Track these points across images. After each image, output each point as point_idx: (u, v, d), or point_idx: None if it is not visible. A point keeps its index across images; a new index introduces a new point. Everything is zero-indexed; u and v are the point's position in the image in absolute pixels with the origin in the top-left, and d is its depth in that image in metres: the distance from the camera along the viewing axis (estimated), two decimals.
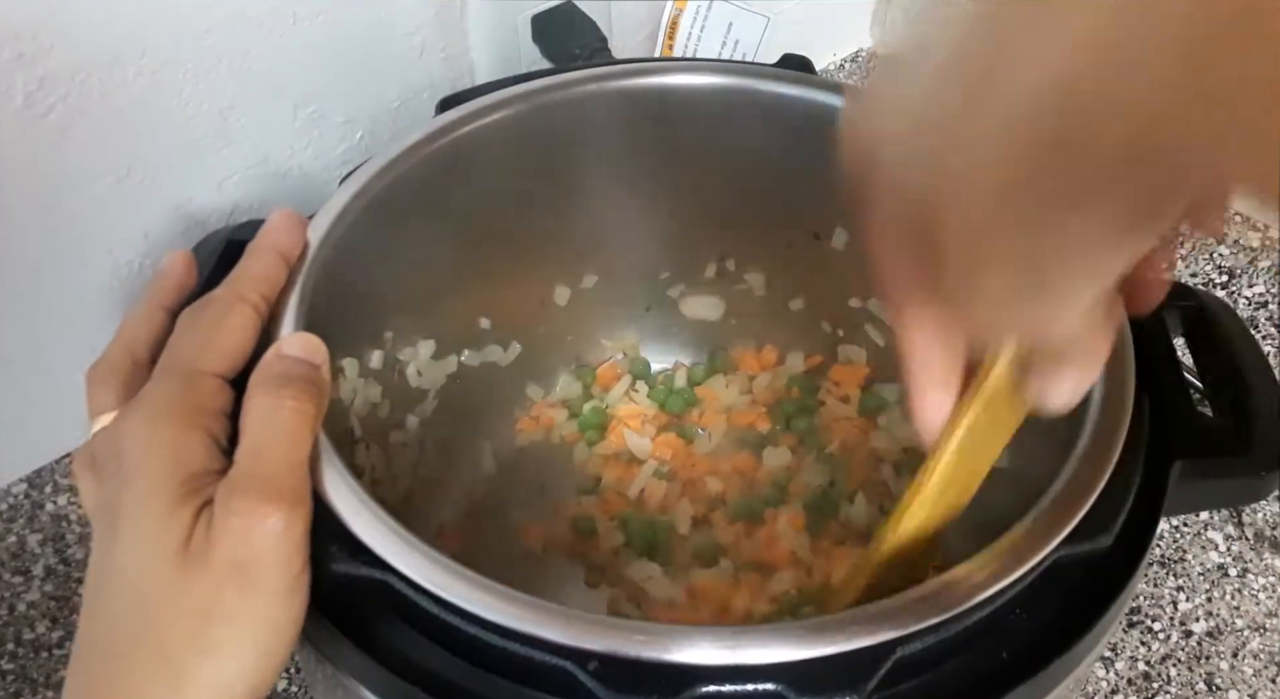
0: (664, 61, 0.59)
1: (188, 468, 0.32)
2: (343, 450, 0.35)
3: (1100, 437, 0.35)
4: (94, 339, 0.38)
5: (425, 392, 0.51)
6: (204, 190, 0.56)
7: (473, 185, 0.48)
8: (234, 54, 0.53)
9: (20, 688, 0.51)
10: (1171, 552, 0.58)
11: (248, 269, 0.38)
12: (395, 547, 0.32)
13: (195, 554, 0.30)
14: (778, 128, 0.49)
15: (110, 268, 0.55)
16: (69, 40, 0.47)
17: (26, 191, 0.50)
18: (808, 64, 0.51)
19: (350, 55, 0.58)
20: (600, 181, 0.52)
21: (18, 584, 0.55)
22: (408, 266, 0.46)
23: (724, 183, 0.52)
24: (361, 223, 0.42)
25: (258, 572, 0.30)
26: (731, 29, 0.68)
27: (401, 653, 0.32)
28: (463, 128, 0.46)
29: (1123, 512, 0.35)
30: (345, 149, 0.61)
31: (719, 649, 0.29)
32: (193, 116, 0.54)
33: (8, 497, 0.58)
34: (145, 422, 0.32)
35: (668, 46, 0.69)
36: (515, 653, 0.31)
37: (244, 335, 0.36)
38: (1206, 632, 0.55)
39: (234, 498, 0.31)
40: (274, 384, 0.33)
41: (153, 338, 0.37)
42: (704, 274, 0.56)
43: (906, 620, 0.30)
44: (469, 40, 0.62)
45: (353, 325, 0.44)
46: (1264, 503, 0.59)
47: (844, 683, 0.29)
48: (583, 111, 0.49)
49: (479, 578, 0.31)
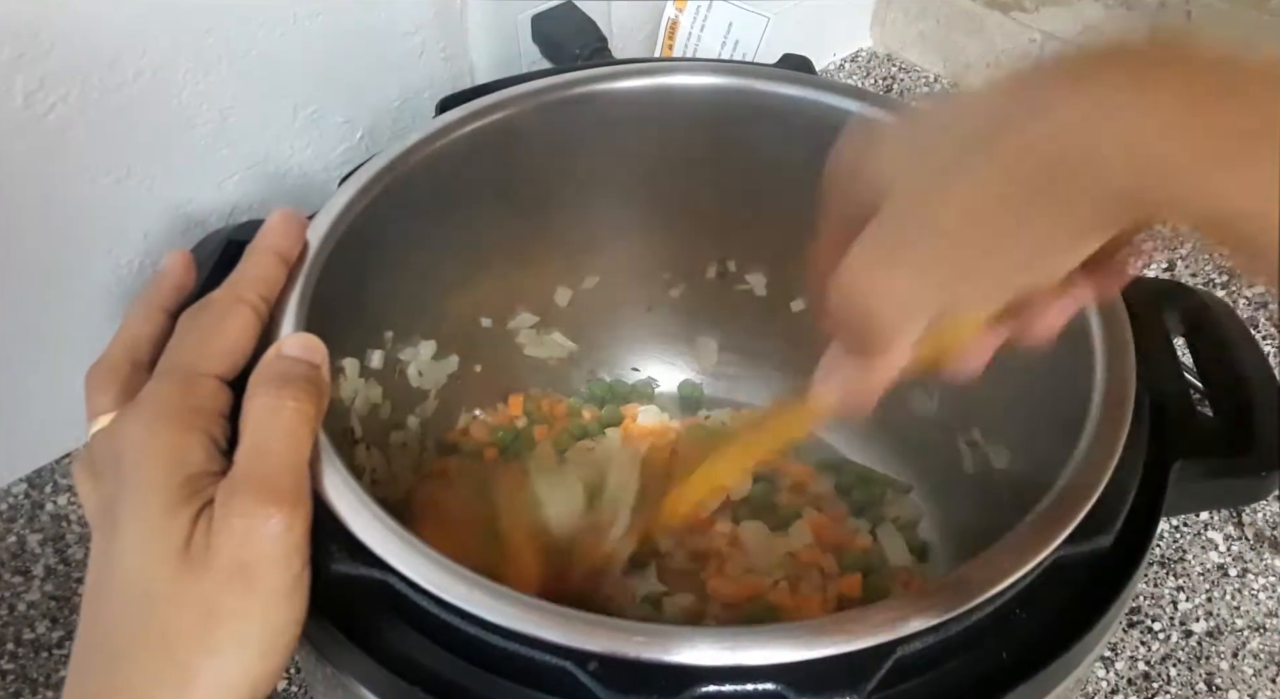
0: (664, 61, 0.59)
1: (187, 469, 0.32)
2: (343, 450, 0.35)
3: (1100, 437, 0.35)
4: (94, 339, 0.38)
5: (426, 392, 0.51)
6: (204, 190, 0.56)
7: (473, 185, 0.48)
8: (234, 54, 0.53)
9: (20, 688, 0.51)
10: (1171, 552, 0.58)
11: (247, 270, 0.38)
12: (395, 547, 0.32)
13: (196, 555, 0.30)
14: (777, 127, 0.49)
15: (110, 268, 0.55)
16: (69, 40, 0.47)
17: (26, 191, 0.50)
18: (808, 64, 0.51)
19: (350, 55, 0.58)
20: (600, 182, 0.52)
21: (18, 584, 0.55)
22: (408, 266, 0.46)
23: (724, 183, 0.52)
24: (361, 223, 0.42)
25: (259, 572, 0.30)
26: (731, 29, 0.68)
27: (401, 653, 0.32)
28: (463, 128, 0.46)
29: (1123, 512, 0.35)
30: (345, 149, 0.61)
31: (719, 649, 0.29)
32: (193, 116, 0.54)
33: (8, 497, 0.58)
34: (143, 423, 0.32)
35: (668, 46, 0.69)
36: (515, 653, 0.31)
37: (243, 337, 0.36)
38: (1206, 632, 0.55)
39: (234, 498, 0.31)
40: (274, 384, 0.33)
41: (152, 339, 0.37)
42: (705, 275, 0.56)
43: (907, 621, 0.30)
44: (469, 40, 0.62)
45: (353, 325, 0.44)
46: (1264, 503, 0.59)
47: (844, 683, 0.29)
48: (582, 111, 0.49)
49: (479, 578, 0.31)
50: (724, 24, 0.68)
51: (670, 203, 0.53)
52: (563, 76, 0.48)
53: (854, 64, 0.86)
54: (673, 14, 0.68)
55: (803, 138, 0.47)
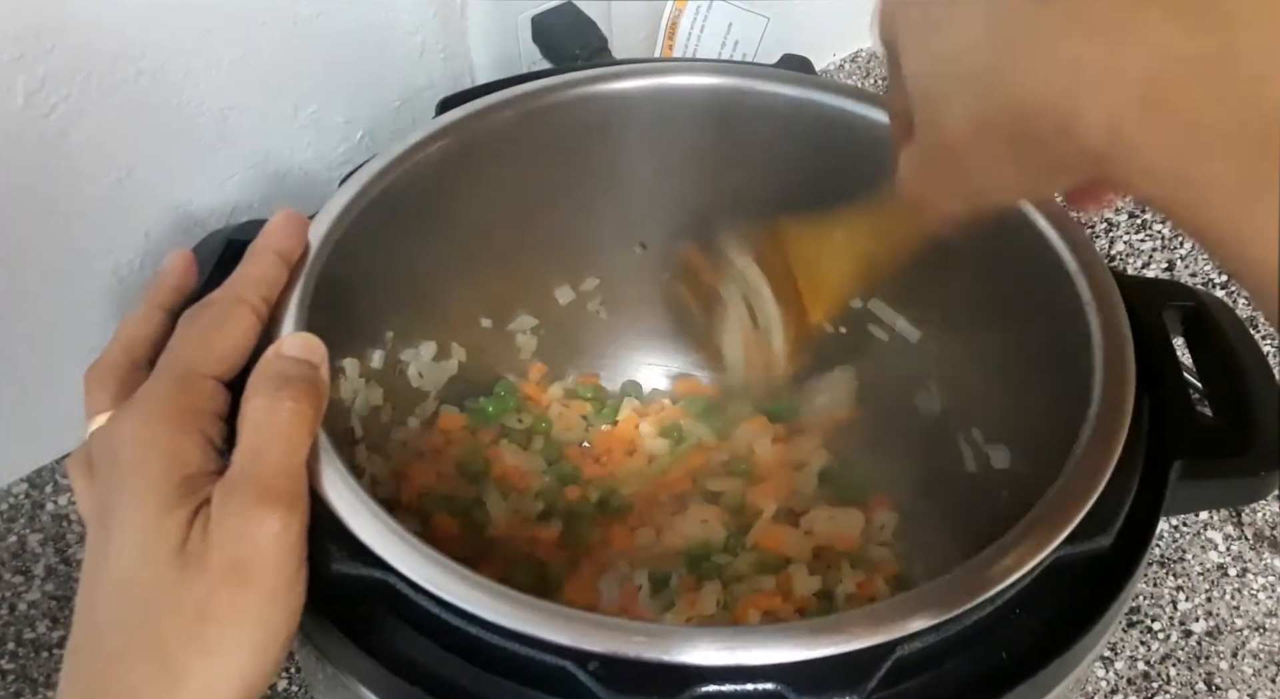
0: (664, 61, 0.59)
1: (183, 469, 0.32)
2: (343, 450, 0.35)
3: (1100, 437, 0.35)
4: (94, 339, 0.38)
5: (426, 393, 0.51)
6: (204, 190, 0.56)
7: (473, 186, 0.48)
8: (234, 54, 0.53)
9: (20, 688, 0.51)
10: (1171, 552, 0.58)
11: (248, 270, 0.38)
12: (395, 547, 0.32)
13: (192, 555, 0.30)
14: (777, 128, 0.49)
15: (110, 268, 0.55)
16: (70, 40, 0.47)
17: (27, 192, 0.50)
18: (808, 64, 0.51)
19: (351, 55, 0.58)
20: (600, 182, 0.52)
21: (18, 584, 0.55)
22: (408, 266, 0.46)
23: (724, 183, 0.52)
24: (362, 223, 0.42)
25: (254, 572, 0.30)
26: (731, 29, 0.68)
27: (401, 653, 0.32)
28: (463, 128, 0.46)
29: (1122, 512, 0.35)
30: (345, 149, 0.61)
31: (718, 649, 0.29)
32: (193, 116, 0.54)
33: (8, 497, 0.58)
34: (140, 423, 0.32)
35: (668, 46, 0.69)
36: (515, 653, 0.31)
37: (243, 338, 0.36)
38: (1206, 631, 0.55)
39: (231, 499, 0.31)
40: (272, 385, 0.33)
41: (151, 339, 0.37)
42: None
43: (906, 620, 0.30)
44: (469, 40, 0.62)
45: (353, 325, 0.44)
46: (1264, 503, 0.59)
47: (844, 683, 0.29)
48: (583, 111, 0.49)
49: (479, 578, 0.31)
50: (724, 24, 0.68)
51: (670, 203, 0.53)
52: (563, 76, 0.48)
53: (854, 64, 0.86)
54: (673, 14, 0.68)
55: (803, 138, 0.48)
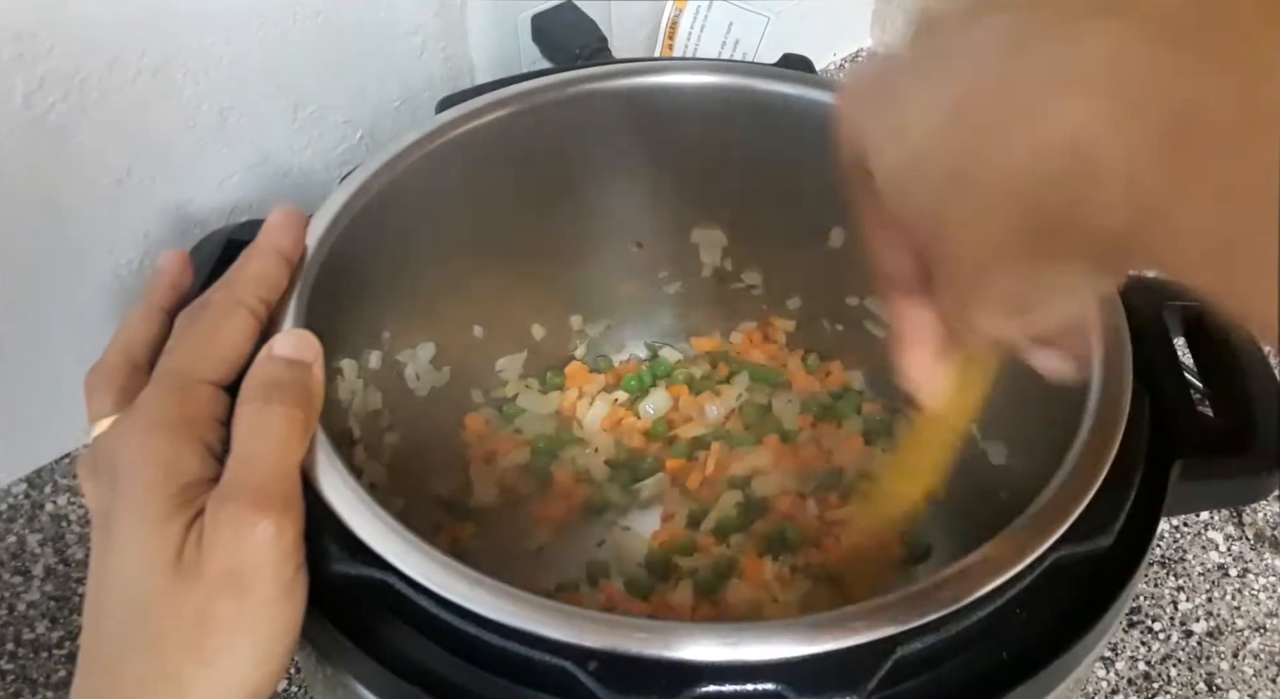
0: (664, 61, 0.59)
1: (180, 480, 0.32)
2: (341, 451, 0.35)
3: (1098, 436, 0.35)
4: (94, 339, 0.38)
5: (425, 394, 0.51)
6: (204, 190, 0.56)
7: (472, 185, 0.48)
8: (234, 54, 0.53)
9: (20, 688, 0.51)
10: (1171, 552, 0.58)
11: (247, 270, 0.37)
12: (395, 546, 0.32)
13: (188, 565, 0.30)
14: (777, 128, 0.49)
15: (110, 268, 0.55)
16: (69, 40, 0.47)
17: (27, 191, 0.50)
18: (808, 64, 0.51)
19: (350, 55, 0.58)
20: (600, 182, 0.52)
21: (18, 584, 0.55)
22: (407, 267, 0.46)
23: (723, 182, 0.52)
24: (361, 223, 0.42)
25: (251, 580, 0.30)
26: (731, 29, 0.68)
27: (401, 653, 0.32)
28: (463, 128, 0.46)
29: (1123, 511, 0.35)
30: (345, 149, 0.61)
31: (719, 646, 0.29)
32: (193, 116, 0.54)
33: (8, 497, 0.58)
34: (138, 433, 0.32)
35: (668, 46, 0.69)
36: (515, 653, 0.31)
37: (240, 341, 0.35)
38: (1207, 632, 0.55)
39: (224, 507, 0.31)
40: (263, 391, 0.33)
41: (150, 340, 0.37)
42: (701, 272, 0.56)
43: (907, 616, 0.30)
44: (469, 40, 0.62)
45: (352, 325, 0.44)
46: (1264, 503, 0.59)
47: (845, 683, 0.29)
48: (583, 111, 0.49)
49: (479, 577, 0.31)
50: (724, 24, 0.68)
51: (669, 203, 0.53)
52: (563, 76, 0.48)
53: (854, 64, 0.86)
54: (673, 14, 0.68)
55: (803, 138, 0.48)
